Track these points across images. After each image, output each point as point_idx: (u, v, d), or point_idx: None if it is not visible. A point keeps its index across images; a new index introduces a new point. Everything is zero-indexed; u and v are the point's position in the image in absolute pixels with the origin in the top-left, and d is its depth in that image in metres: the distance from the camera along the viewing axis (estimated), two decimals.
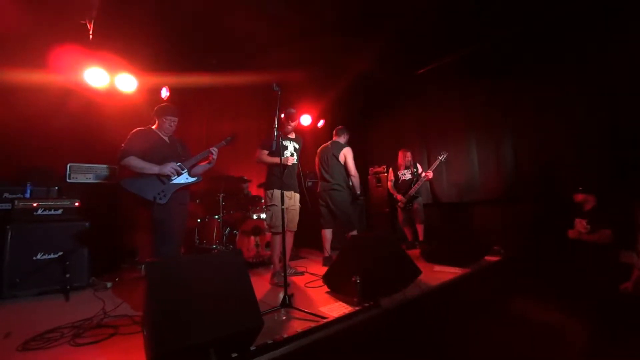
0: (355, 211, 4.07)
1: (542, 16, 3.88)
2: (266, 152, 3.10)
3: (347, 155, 3.78)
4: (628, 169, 3.47)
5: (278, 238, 3.07)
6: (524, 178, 4.37)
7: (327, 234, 3.70)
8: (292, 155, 3.21)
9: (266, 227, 3.42)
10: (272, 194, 3.09)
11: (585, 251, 3.29)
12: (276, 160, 2.89)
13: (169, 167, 2.54)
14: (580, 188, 3.46)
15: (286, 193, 3.09)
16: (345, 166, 3.79)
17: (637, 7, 3.36)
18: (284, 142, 3.17)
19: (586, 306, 2.64)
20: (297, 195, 3.31)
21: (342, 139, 3.96)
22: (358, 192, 3.87)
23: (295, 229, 3.31)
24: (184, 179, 2.65)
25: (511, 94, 4.48)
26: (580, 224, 3.41)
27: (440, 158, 4.57)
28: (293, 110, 3.23)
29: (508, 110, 4.53)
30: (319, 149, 3.99)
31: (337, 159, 3.78)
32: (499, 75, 4.56)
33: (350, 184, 3.84)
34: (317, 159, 3.99)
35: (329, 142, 3.96)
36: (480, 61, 4.68)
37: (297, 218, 3.29)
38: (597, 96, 3.71)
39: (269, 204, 3.12)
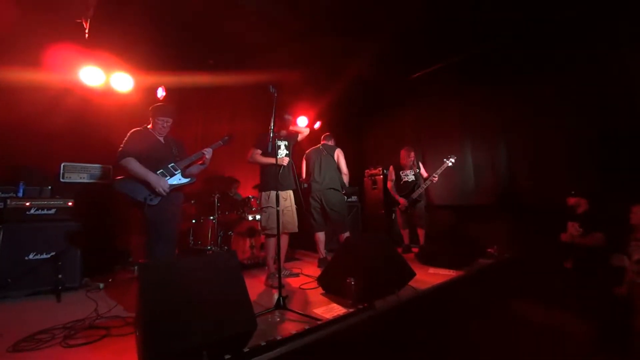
0: (348, 213, 4.12)
1: (538, 23, 3.91)
2: (259, 151, 3.08)
3: (340, 155, 3.90)
4: (620, 172, 3.51)
5: (272, 240, 3.06)
6: (517, 181, 4.42)
7: (321, 236, 3.70)
8: (287, 155, 3.20)
9: (260, 228, 3.37)
10: (268, 196, 3.07)
11: (578, 254, 3.33)
12: (271, 160, 2.87)
13: (160, 185, 2.46)
14: (573, 192, 3.50)
15: (282, 193, 3.10)
16: (338, 165, 3.87)
17: (625, 11, 3.42)
18: (277, 142, 3.17)
19: (579, 309, 2.66)
20: (292, 195, 3.27)
21: (332, 143, 4.08)
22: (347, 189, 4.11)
23: (296, 230, 3.25)
24: (177, 179, 2.62)
25: (506, 99, 4.53)
26: (573, 227, 3.45)
27: (447, 162, 4.31)
28: (289, 117, 3.25)
29: (503, 115, 4.58)
30: (308, 151, 4.01)
31: (333, 158, 3.83)
32: (494, 81, 4.60)
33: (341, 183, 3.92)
34: (305, 160, 4.00)
35: (319, 145, 4.00)
36: (476, 66, 4.71)
37: (295, 219, 3.24)
38: (589, 102, 3.76)
39: (264, 205, 3.09)
